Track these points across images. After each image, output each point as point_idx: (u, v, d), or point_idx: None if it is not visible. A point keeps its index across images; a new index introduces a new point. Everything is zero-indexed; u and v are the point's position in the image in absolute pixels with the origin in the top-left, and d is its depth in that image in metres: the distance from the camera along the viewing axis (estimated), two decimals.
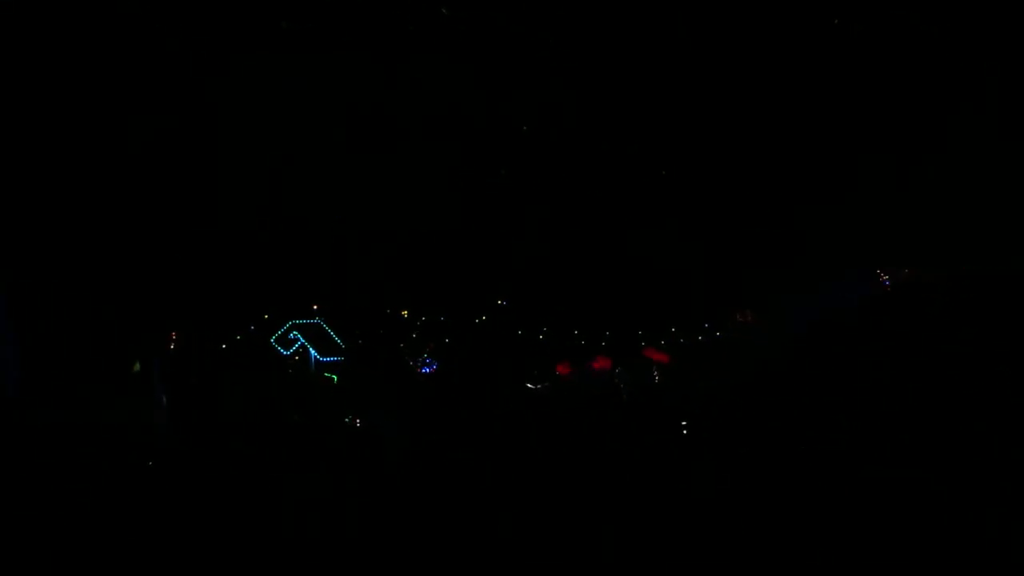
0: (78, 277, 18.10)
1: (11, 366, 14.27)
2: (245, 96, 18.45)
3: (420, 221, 24.23)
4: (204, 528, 8.40)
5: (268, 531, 8.16)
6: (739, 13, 17.87)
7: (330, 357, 24.83)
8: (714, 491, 8.15)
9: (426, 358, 24.53)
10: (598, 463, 11.17)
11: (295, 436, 18.57)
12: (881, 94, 19.74)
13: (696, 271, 25.32)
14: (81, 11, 15.60)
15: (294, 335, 24.58)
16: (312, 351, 24.66)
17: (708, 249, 24.66)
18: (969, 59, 17.98)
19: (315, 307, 24.66)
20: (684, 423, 14.57)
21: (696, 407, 17.84)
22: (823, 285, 22.48)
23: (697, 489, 8.39)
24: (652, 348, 28.58)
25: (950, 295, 18.91)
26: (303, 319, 24.35)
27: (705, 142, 22.31)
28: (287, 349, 24.48)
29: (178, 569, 6.99)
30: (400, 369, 24.44)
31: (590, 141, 22.23)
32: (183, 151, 19.24)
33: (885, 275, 22.27)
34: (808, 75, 19.70)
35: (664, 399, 20.82)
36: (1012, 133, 18.96)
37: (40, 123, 16.06)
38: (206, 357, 23.77)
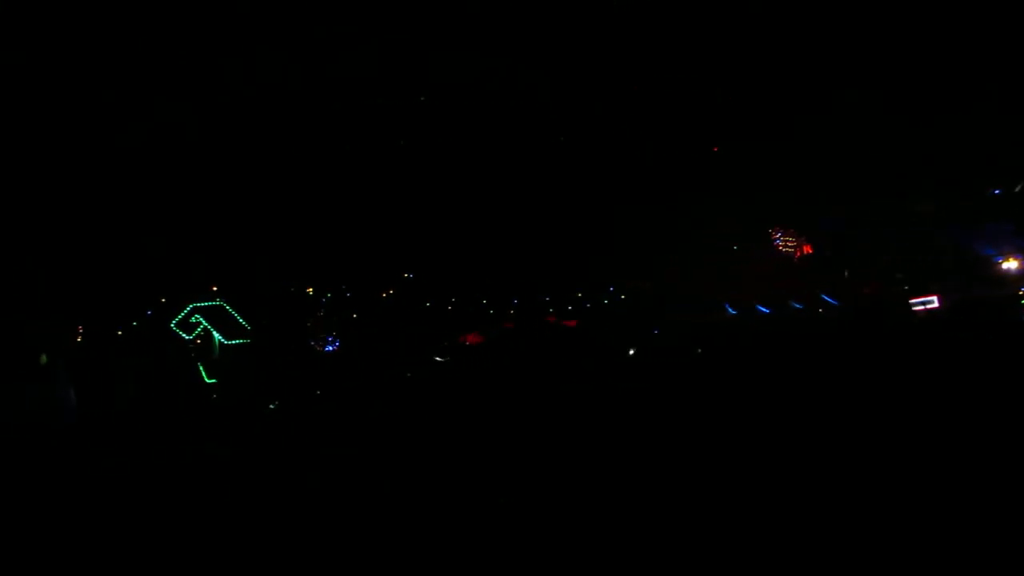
0: None
1: None
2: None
3: (319, 197, 23.95)
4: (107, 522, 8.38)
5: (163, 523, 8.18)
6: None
7: (235, 339, 24.40)
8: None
9: (330, 336, 24.31)
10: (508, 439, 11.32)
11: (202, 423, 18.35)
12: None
13: (595, 243, 25.79)
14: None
15: (196, 318, 24.03)
16: (215, 334, 24.19)
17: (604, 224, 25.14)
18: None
19: (215, 288, 24.12)
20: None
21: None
22: None
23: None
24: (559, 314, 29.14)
25: None
26: (203, 301, 23.86)
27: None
28: (189, 333, 23.95)
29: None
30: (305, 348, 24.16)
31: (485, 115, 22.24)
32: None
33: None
34: None
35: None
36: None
37: None
38: (106, 346, 23.07)
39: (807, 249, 26.26)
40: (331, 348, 24.12)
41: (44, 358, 19.11)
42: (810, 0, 18.58)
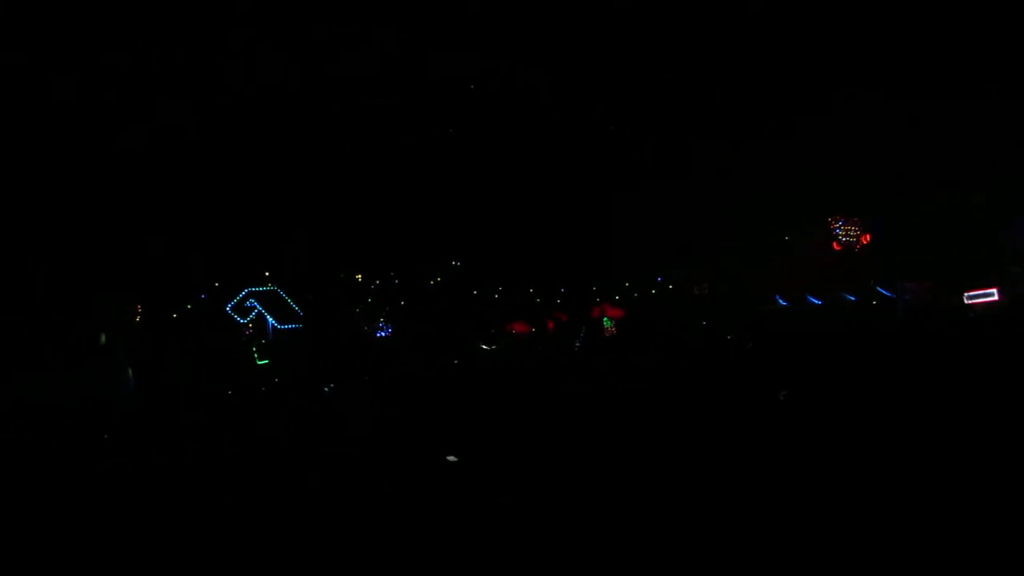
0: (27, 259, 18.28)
1: None
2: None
3: (368, 184, 24.31)
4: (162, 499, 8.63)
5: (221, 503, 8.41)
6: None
7: (288, 324, 24.95)
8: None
9: (381, 322, 24.70)
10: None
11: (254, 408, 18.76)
12: None
13: (643, 231, 25.70)
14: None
15: (251, 303, 24.64)
16: (269, 318, 24.77)
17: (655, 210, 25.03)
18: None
19: (267, 273, 24.65)
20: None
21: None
22: None
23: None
24: (607, 303, 29.07)
25: None
26: (257, 286, 24.41)
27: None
28: (244, 317, 24.57)
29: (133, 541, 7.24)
30: (356, 334, 24.56)
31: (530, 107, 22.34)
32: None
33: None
34: None
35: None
36: None
37: None
38: (162, 328, 23.78)
39: (864, 240, 25.81)
40: (383, 334, 24.52)
41: (103, 338, 19.81)
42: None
